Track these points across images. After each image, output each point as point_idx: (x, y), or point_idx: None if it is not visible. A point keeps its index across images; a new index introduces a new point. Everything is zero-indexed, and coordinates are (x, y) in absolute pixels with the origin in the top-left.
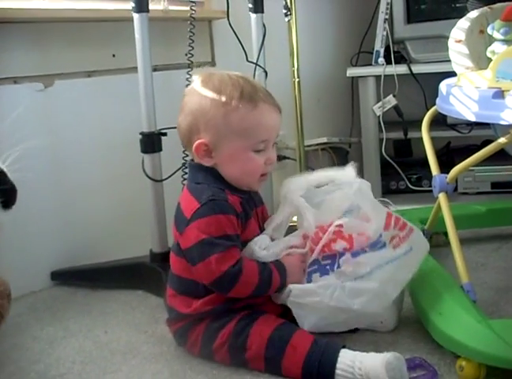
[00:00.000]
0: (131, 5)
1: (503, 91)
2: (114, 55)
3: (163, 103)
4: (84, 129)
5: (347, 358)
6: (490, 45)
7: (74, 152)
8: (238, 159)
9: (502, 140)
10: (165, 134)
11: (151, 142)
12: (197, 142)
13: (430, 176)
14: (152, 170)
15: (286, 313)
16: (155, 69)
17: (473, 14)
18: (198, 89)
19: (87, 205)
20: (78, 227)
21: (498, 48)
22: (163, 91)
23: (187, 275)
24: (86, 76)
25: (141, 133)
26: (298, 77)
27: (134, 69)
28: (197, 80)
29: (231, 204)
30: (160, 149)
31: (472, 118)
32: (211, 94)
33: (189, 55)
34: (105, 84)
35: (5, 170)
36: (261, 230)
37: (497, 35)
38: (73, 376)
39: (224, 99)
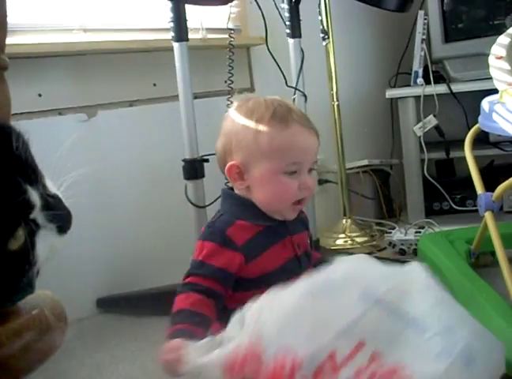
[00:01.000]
0: (171, 34)
1: None
2: (155, 84)
3: (205, 130)
4: (127, 157)
5: None
6: None
7: (118, 180)
8: (268, 181)
9: None
10: (207, 160)
11: (193, 168)
12: (229, 164)
13: (474, 196)
14: (195, 196)
15: None
16: (195, 97)
17: None
18: (233, 112)
19: (131, 232)
20: (123, 254)
21: None
22: (204, 118)
23: None
24: (128, 105)
25: (183, 160)
26: (337, 101)
27: (175, 97)
28: (234, 104)
29: (227, 234)
30: (203, 175)
31: None
32: (244, 115)
33: (228, 82)
34: (147, 112)
35: (60, 195)
36: (297, 257)
37: None
38: None
39: (255, 119)
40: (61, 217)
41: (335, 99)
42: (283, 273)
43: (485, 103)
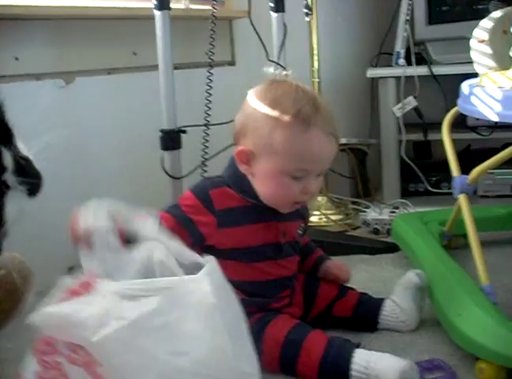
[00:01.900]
0: (153, 2)
1: None
2: (134, 53)
3: (183, 101)
4: (104, 125)
5: (361, 359)
6: None
7: (94, 149)
8: (271, 179)
9: None
10: (185, 132)
11: (171, 139)
12: (239, 148)
13: (449, 178)
14: (172, 167)
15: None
16: (175, 68)
17: (496, 14)
18: (261, 92)
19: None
20: None
21: None
22: (183, 90)
23: None
24: (107, 73)
25: (161, 131)
26: (318, 78)
27: (155, 67)
28: (267, 80)
29: (209, 194)
30: (180, 147)
31: (495, 119)
32: (268, 103)
33: (209, 54)
34: (125, 81)
35: (31, 158)
36: (278, 244)
37: None
38: None
39: (277, 112)
40: (31, 180)
41: (316, 76)
42: (257, 255)
43: (465, 86)
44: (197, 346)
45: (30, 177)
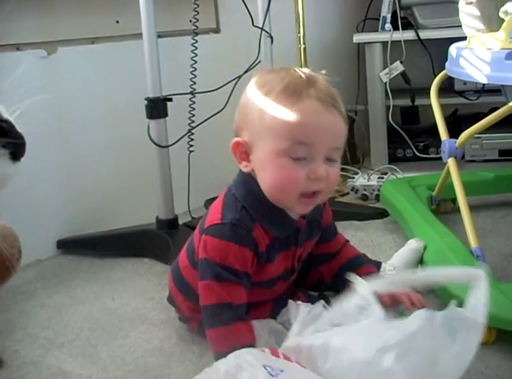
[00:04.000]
0: None
1: None
2: (117, 21)
3: (168, 69)
4: (88, 95)
5: None
6: (502, 6)
7: (79, 119)
8: (269, 165)
9: None
10: (171, 100)
11: (156, 108)
12: (233, 140)
13: (437, 144)
14: (158, 136)
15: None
16: (159, 36)
17: None
18: (251, 83)
19: (92, 172)
20: (84, 195)
21: (511, 8)
22: (168, 58)
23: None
24: (90, 42)
25: (146, 99)
26: (304, 44)
27: (139, 35)
28: (258, 73)
29: (254, 236)
30: (166, 115)
31: (484, 81)
32: (257, 87)
33: (194, 21)
34: (109, 50)
35: (13, 122)
36: (292, 268)
37: None
38: (81, 342)
39: (264, 91)
40: (14, 143)
41: (302, 42)
42: (274, 281)
43: (453, 49)
44: None
45: (12, 140)
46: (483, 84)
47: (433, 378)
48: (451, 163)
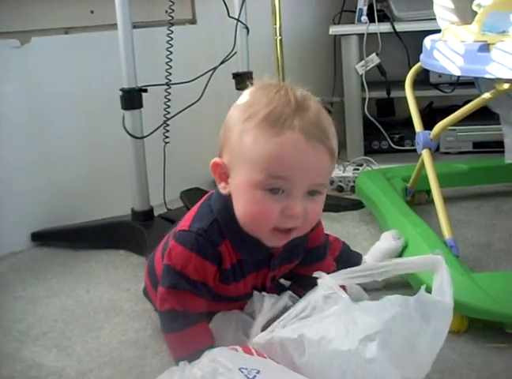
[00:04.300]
0: None
1: (489, 45)
2: (92, 11)
3: (144, 60)
4: (62, 86)
5: None
6: None
7: (54, 110)
8: (243, 194)
9: (486, 95)
10: (146, 91)
11: (131, 98)
12: (213, 160)
13: (412, 136)
14: (133, 127)
15: None
16: (135, 26)
17: None
18: (241, 97)
19: (67, 164)
20: (58, 187)
21: (484, 1)
22: (143, 49)
23: None
24: (64, 32)
25: (121, 90)
26: (280, 35)
27: (113, 25)
28: (252, 85)
29: (219, 251)
30: (141, 106)
31: (457, 73)
32: (242, 106)
33: (169, 11)
34: (83, 40)
35: None
36: (263, 286)
37: None
38: (55, 334)
39: (247, 114)
40: None
41: (278, 34)
42: (242, 298)
43: (427, 41)
44: None
45: None
46: (458, 77)
47: (413, 362)
48: (425, 155)
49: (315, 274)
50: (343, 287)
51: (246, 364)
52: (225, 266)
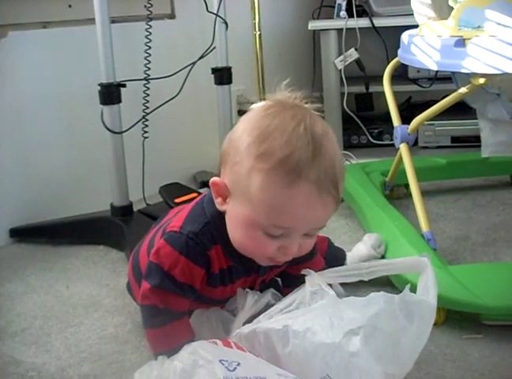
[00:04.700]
0: None
1: (465, 40)
2: (70, 6)
3: (123, 55)
4: (40, 80)
5: None
6: None
7: (31, 105)
8: (243, 229)
9: (462, 90)
10: (124, 86)
11: (110, 93)
12: (215, 179)
13: (391, 130)
14: (112, 122)
15: None
16: (113, 21)
17: None
18: (256, 115)
19: (45, 159)
20: (36, 182)
21: None
22: (122, 43)
23: None
24: (41, 27)
25: (99, 84)
26: (259, 30)
27: (92, 20)
28: (269, 100)
29: (208, 256)
30: (120, 101)
31: (434, 67)
32: (257, 134)
33: (148, 6)
34: (61, 35)
35: None
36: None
37: None
38: (34, 330)
39: (262, 150)
40: None
41: (257, 29)
42: (228, 300)
43: (405, 36)
44: None
45: None
46: (436, 72)
47: (395, 359)
48: (403, 149)
49: (303, 271)
50: (330, 285)
51: (226, 356)
52: (213, 270)
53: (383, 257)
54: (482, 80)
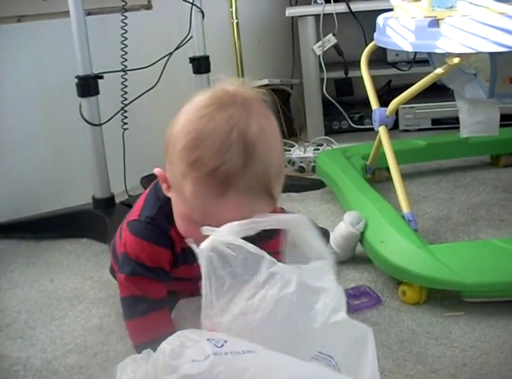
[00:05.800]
0: None
1: (438, 20)
2: None
3: (99, 47)
4: (17, 74)
5: None
6: None
7: (9, 99)
8: (179, 216)
9: (438, 70)
10: (101, 77)
11: (87, 85)
12: (159, 171)
13: (371, 115)
14: (90, 114)
15: None
16: (89, 13)
17: None
18: (196, 111)
19: (25, 153)
20: (17, 177)
21: None
22: (98, 35)
23: None
24: (16, 21)
25: (76, 77)
26: (236, 18)
27: (67, 13)
28: (213, 91)
29: (170, 236)
30: (97, 92)
31: (409, 49)
32: (192, 136)
33: None
34: (37, 28)
35: None
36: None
37: None
38: (19, 325)
39: (194, 157)
40: None
41: (234, 17)
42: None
43: (380, 19)
44: None
45: None
46: (415, 55)
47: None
48: (382, 131)
49: (203, 229)
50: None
51: (213, 337)
52: (177, 250)
53: (362, 233)
54: (457, 60)
